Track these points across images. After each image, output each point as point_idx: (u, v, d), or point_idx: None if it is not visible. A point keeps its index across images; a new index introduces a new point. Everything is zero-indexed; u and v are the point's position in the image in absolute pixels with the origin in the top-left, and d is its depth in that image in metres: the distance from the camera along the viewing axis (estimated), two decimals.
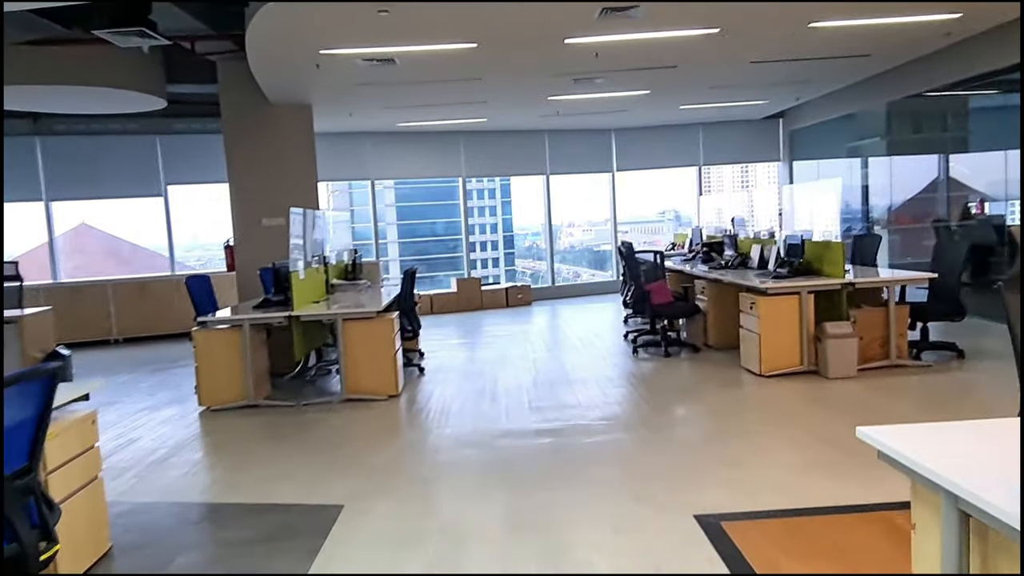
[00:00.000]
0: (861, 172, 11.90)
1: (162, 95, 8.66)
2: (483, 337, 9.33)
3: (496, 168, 12.90)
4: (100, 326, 10.24)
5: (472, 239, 13.27)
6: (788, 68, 8.43)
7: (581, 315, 10.85)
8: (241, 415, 5.82)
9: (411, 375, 6.96)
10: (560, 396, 5.91)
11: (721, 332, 7.41)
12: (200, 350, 5.96)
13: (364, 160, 11.95)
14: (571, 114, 10.89)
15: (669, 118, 12.22)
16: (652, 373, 6.64)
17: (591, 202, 14.57)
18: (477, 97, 9.14)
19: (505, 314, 11.28)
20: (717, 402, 5.52)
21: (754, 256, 7.63)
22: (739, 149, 13.33)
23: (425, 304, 11.61)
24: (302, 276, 6.29)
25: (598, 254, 17.61)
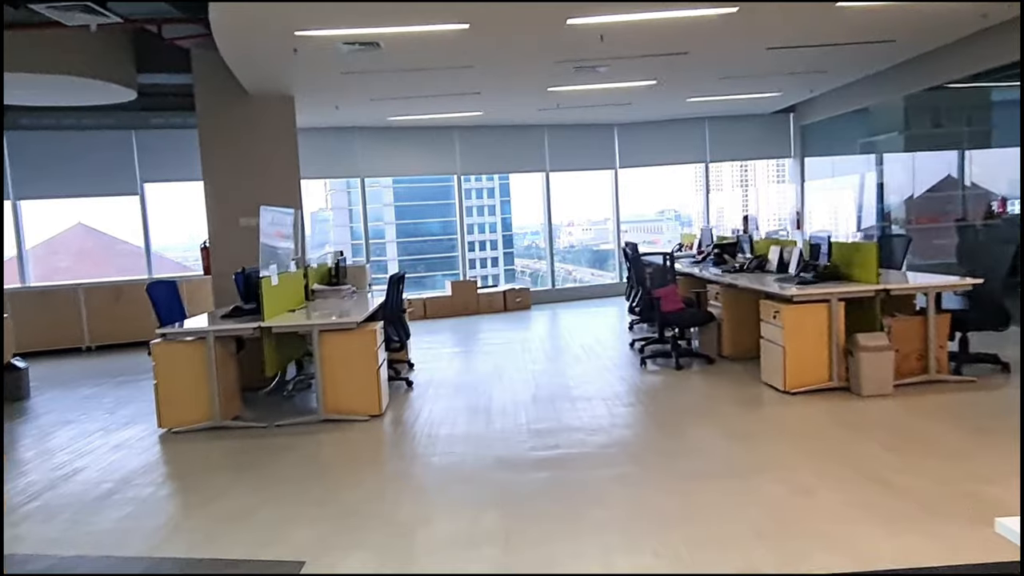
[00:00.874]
0: (876, 169, 11.32)
1: (132, 85, 8.02)
2: (478, 345, 8.71)
3: (493, 165, 12.27)
4: (70, 333, 9.62)
5: (471, 239, 12.65)
6: (806, 56, 7.81)
7: (583, 320, 10.23)
8: (205, 438, 5.19)
9: (398, 390, 6.34)
10: (562, 416, 5.29)
11: (737, 342, 6.80)
12: (160, 366, 5.34)
13: (353, 157, 11.33)
14: (572, 107, 10.27)
15: (675, 112, 11.60)
16: (663, 389, 6.02)
17: (591, 200, 13.97)
18: (471, 87, 8.52)
19: (502, 319, 10.66)
20: (739, 425, 4.90)
21: (773, 258, 7.02)
22: (747, 145, 12.71)
23: (418, 308, 10.99)
24: (275, 282, 5.67)
25: (598, 253, 17.03)
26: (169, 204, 10.66)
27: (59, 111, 9.61)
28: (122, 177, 10.22)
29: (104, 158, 10.15)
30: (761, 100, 11.03)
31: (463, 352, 8.32)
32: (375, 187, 22.04)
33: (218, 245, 8.19)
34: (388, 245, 21.97)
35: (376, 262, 19.35)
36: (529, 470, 4.20)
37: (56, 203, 10.53)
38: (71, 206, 10.85)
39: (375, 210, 22.17)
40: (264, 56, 6.65)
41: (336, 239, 17.71)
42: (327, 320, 5.50)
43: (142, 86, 8.98)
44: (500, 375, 6.81)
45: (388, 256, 21.62)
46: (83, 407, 6.42)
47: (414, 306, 10.87)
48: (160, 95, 9.64)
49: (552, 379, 6.55)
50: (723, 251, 8.22)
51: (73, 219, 11.94)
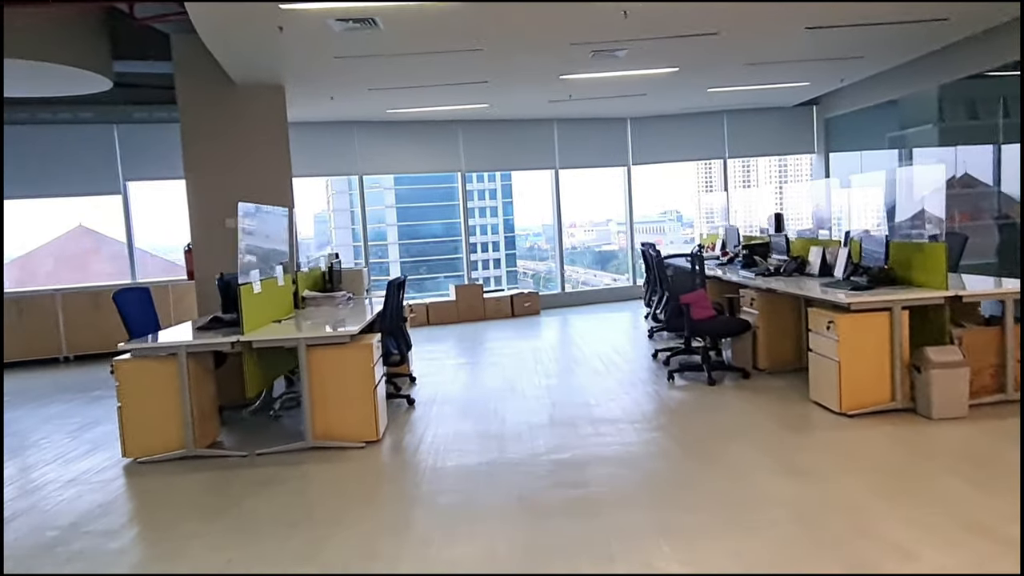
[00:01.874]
0: (906, 164, 10.64)
1: (107, 74, 7.35)
2: (486, 355, 8.02)
3: (499, 161, 11.57)
4: (47, 343, 8.95)
5: (472, 240, 11.96)
6: (846, 38, 7.10)
7: (597, 327, 9.54)
8: (174, 471, 4.50)
9: (398, 409, 5.65)
10: (586, 443, 4.59)
11: (774, 353, 6.12)
12: (125, 386, 4.65)
13: (351, 153, 10.64)
14: (585, 98, 9.58)
15: (693, 104, 10.90)
16: (697, 408, 5.32)
17: (595, 200, 13.27)
18: (478, 76, 7.83)
19: (511, 326, 9.97)
20: (794, 456, 4.20)
21: (813, 260, 6.32)
22: (769, 140, 12.01)
23: (421, 314, 10.31)
24: (257, 289, 4.98)
25: (600, 255, 16.37)
26: (155, 204, 9.99)
27: (32, 104, 8.94)
28: (103, 175, 9.55)
29: (83, 155, 9.48)
30: (785, 91, 10.34)
31: (469, 364, 7.63)
32: (376, 188, 21.42)
33: (202, 248, 7.51)
34: (390, 247, 21.32)
35: (378, 264, 18.74)
36: (555, 516, 3.50)
37: (31, 203, 9.83)
38: (46, 207, 10.14)
39: (377, 212, 21.52)
40: (247, 37, 5.97)
41: (339, 241, 17.06)
42: (316, 333, 4.81)
43: (123, 76, 8.31)
44: (511, 391, 6.12)
45: (390, 258, 20.98)
46: (45, 429, 5.74)
47: (416, 312, 10.19)
48: (143, 87, 8.97)
49: (570, 396, 5.85)
50: (752, 252, 7.53)
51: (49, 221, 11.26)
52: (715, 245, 9.44)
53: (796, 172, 14.15)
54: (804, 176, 14.44)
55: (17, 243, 10.96)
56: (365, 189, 10.98)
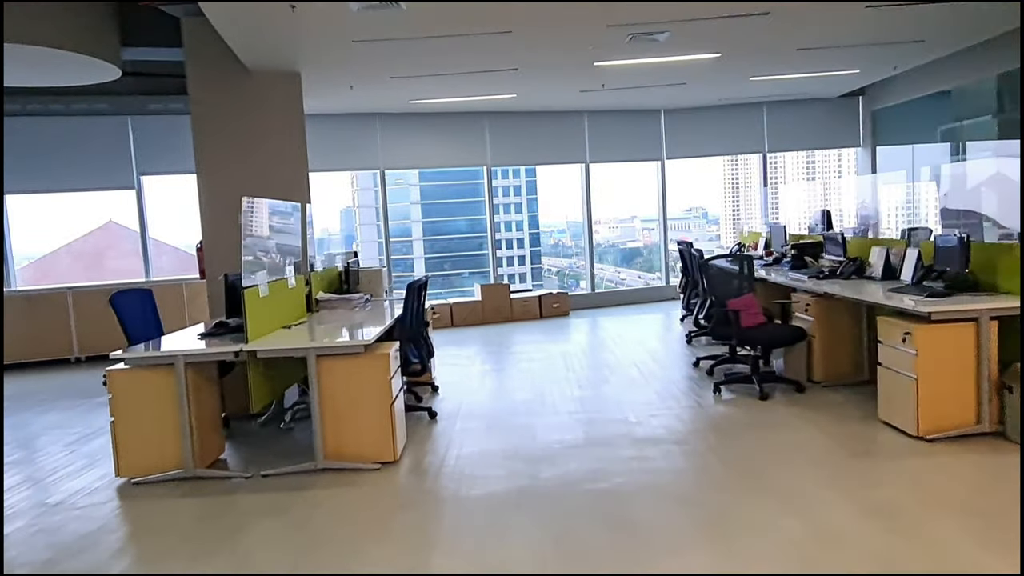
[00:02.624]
0: (960, 159, 9.97)
1: (116, 61, 6.96)
2: (513, 361, 7.52)
3: (526, 155, 11.05)
4: (58, 342, 8.63)
5: (497, 236, 11.47)
6: (910, 18, 6.50)
7: (630, 330, 9.00)
8: (170, 494, 4.07)
9: (418, 423, 5.18)
10: (627, 469, 4.08)
11: (831, 364, 5.55)
12: (118, 398, 4.22)
13: (372, 146, 10.20)
14: (618, 88, 9.03)
15: (732, 95, 10.29)
16: (750, 427, 4.77)
17: (621, 195, 12.68)
18: (506, 62, 7.33)
19: (539, 328, 9.47)
20: (873, 491, 3.64)
21: (875, 262, 5.73)
22: (811, 133, 11.36)
23: (444, 315, 9.84)
24: (264, 292, 4.53)
25: (624, 252, 15.83)
26: (173, 199, 9.63)
27: (44, 94, 8.62)
28: (117, 169, 9.22)
29: (96, 148, 9.14)
30: (831, 81, 9.70)
31: (496, 370, 7.13)
32: (400, 184, 21.03)
33: (213, 245, 7.09)
34: (415, 243, 20.89)
35: (402, 260, 18.32)
36: (599, 565, 3.00)
37: (40, 198, 9.51)
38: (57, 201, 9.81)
39: (402, 208, 21.14)
40: (258, 17, 5.52)
41: (364, 236, 16.68)
42: (327, 341, 4.35)
43: (136, 65, 7.96)
44: (542, 403, 5.62)
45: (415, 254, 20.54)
46: (40, 441, 5.35)
47: (439, 313, 9.74)
48: (157, 76, 8.62)
49: (606, 410, 5.33)
50: (803, 252, 6.94)
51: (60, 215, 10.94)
52: (757, 244, 8.85)
53: (824, 167, 13.43)
54: (833, 172, 13.75)
55: (46, 239, 10.69)
56: (388, 185, 10.53)
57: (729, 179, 16.42)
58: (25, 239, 10.00)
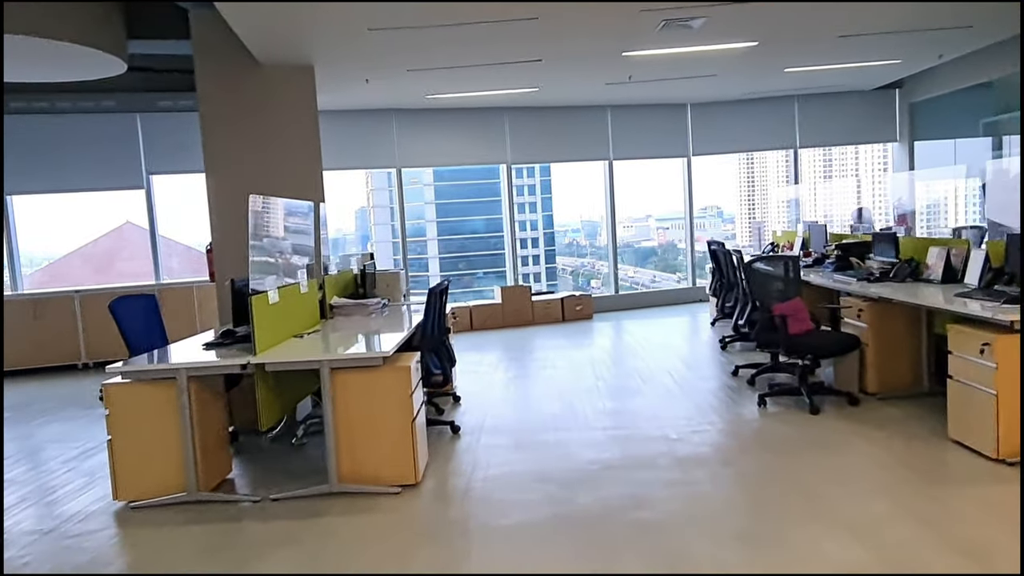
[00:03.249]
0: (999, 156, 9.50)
1: (121, 55, 6.64)
2: (537, 368, 7.13)
3: (547, 152, 10.63)
4: (65, 348, 8.34)
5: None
6: None
7: (658, 334, 8.58)
8: (170, 520, 3.72)
9: (440, 438, 4.80)
10: (673, 496, 3.68)
11: (887, 374, 5.11)
12: (116, 415, 3.88)
13: (388, 144, 9.84)
14: (645, 81, 8.61)
15: (763, 87, 9.83)
16: (805, 447, 4.35)
17: (636, 193, 12.22)
18: (530, 52, 6.93)
19: (562, 332, 9.07)
20: (959, 526, 3.21)
21: (934, 263, 5.29)
22: (844, 127, 10.87)
23: (464, 318, 9.47)
24: (273, 299, 4.17)
25: (638, 252, 15.47)
26: (183, 199, 9.34)
27: (51, 92, 8.33)
28: (126, 168, 8.93)
29: (104, 147, 8.85)
30: (869, 72, 9.23)
31: (519, 378, 6.75)
32: (415, 184, 20.72)
33: (223, 247, 6.76)
34: (429, 243, 20.56)
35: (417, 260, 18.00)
36: None
37: (51, 199, 9.24)
38: (72, 202, 9.54)
39: (417, 207, 20.81)
40: (272, 7, 5.16)
41: (378, 237, 16.38)
42: (342, 353, 3.98)
43: (144, 59, 7.65)
44: (572, 416, 5.23)
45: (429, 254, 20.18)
46: (39, 456, 5.03)
47: (459, 316, 9.37)
48: (166, 71, 8.30)
49: (643, 424, 4.93)
50: (848, 252, 6.50)
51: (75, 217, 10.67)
52: (792, 244, 8.40)
53: (841, 165, 12.94)
54: (850, 168, 13.27)
55: (64, 242, 10.45)
56: (404, 184, 10.18)
57: (745, 177, 15.97)
58: (43, 241, 9.80)
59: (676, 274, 13.34)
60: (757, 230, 13.80)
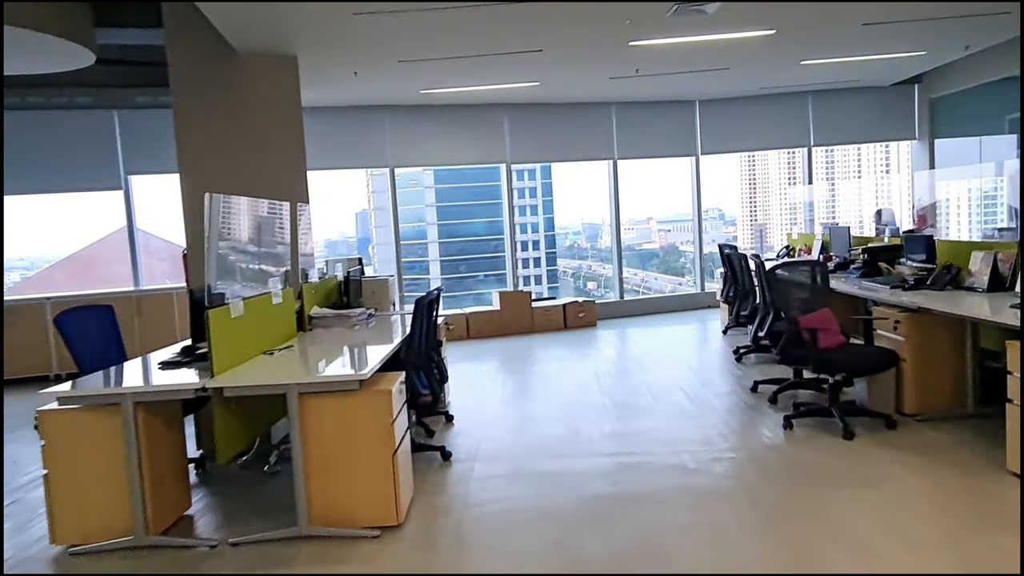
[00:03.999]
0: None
1: (89, 45, 6.14)
2: (538, 382, 6.63)
3: (549, 152, 10.11)
4: (36, 358, 7.84)
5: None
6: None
7: (666, 343, 8.07)
8: (116, 567, 3.21)
9: (428, 467, 4.29)
10: (698, 543, 3.16)
11: (927, 394, 4.60)
12: (52, 446, 3.39)
13: (380, 142, 9.33)
14: (652, 75, 8.11)
15: (776, 82, 9.32)
16: (844, 480, 3.83)
17: (637, 195, 11.69)
18: (530, 41, 6.43)
19: (564, 341, 8.56)
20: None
21: (978, 269, 4.78)
22: (860, 124, 10.36)
23: (460, 326, 8.97)
24: (238, 312, 3.66)
25: (640, 254, 15.01)
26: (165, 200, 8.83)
27: (20, 86, 7.84)
28: (102, 168, 8.43)
29: (79, 145, 8.36)
30: (889, 66, 8.72)
31: (518, 394, 6.24)
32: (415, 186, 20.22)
33: (199, 251, 6.25)
34: (430, 246, 20.02)
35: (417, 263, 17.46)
36: None
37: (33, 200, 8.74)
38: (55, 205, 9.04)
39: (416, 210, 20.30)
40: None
41: (379, 239, 15.91)
42: (312, 374, 3.47)
43: (117, 51, 7.17)
44: (575, 439, 4.71)
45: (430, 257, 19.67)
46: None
47: (454, 324, 8.86)
48: (142, 64, 7.80)
49: (656, 450, 4.42)
50: (875, 257, 5.99)
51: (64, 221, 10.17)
52: (810, 248, 7.88)
53: (844, 164, 12.42)
54: (852, 169, 12.77)
55: (59, 243, 9.99)
56: (403, 186, 9.68)
57: (746, 178, 15.45)
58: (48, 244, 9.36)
59: (684, 277, 12.84)
60: (759, 232, 13.33)
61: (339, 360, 3.89)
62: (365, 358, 3.83)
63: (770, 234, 15.24)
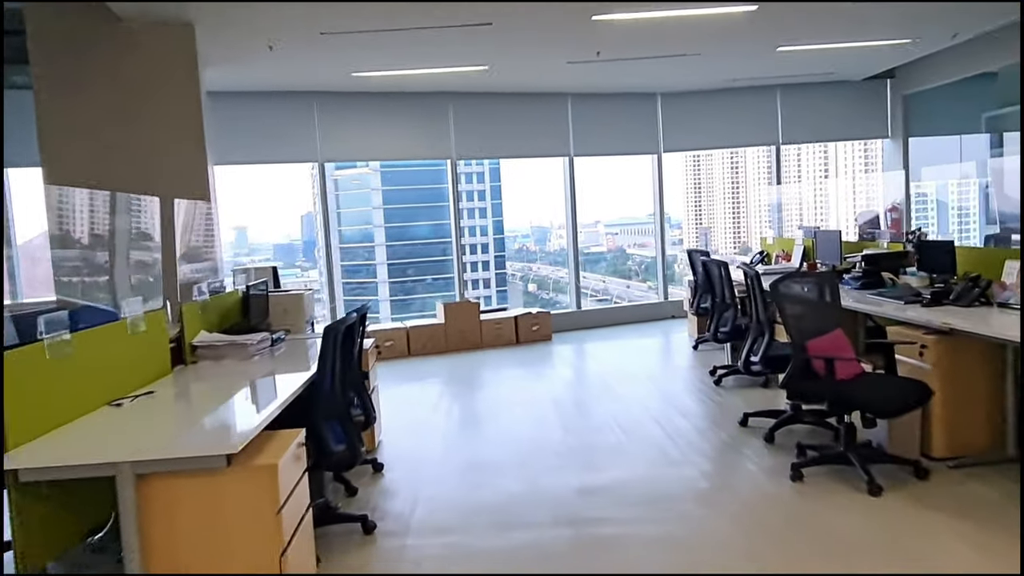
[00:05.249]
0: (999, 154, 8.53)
1: None
2: (488, 412, 5.65)
3: (499, 147, 9.12)
4: None
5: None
6: None
7: (631, 361, 7.19)
8: None
9: (347, 545, 3.26)
10: None
11: (959, 433, 3.80)
12: None
13: (309, 133, 8.21)
14: (613, 59, 7.22)
15: (746, 71, 8.54)
16: (882, 559, 2.95)
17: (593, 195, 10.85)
18: (477, 12, 5.46)
19: (517, 358, 7.60)
20: None
21: (1013, 283, 3.99)
22: (829, 121, 9.67)
23: (399, 342, 7.93)
24: (60, 352, 2.58)
25: (588, 257, 14.26)
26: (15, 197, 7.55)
27: None
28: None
29: None
30: (865, 57, 8.06)
31: (466, 428, 5.25)
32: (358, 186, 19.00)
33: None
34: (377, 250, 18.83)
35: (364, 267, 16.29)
36: None
37: None
38: None
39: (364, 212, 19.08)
40: None
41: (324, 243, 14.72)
42: (159, 446, 2.42)
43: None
44: (535, 497, 3.75)
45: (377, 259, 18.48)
46: None
47: (393, 340, 7.83)
48: (15, 33, 6.55)
49: (639, 517, 3.48)
50: (876, 266, 5.20)
51: None
52: (790, 254, 7.11)
53: (787, 167, 11.79)
54: (820, 169, 12.24)
55: None
56: (347, 187, 8.61)
57: (691, 179, 14.81)
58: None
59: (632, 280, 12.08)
60: (704, 236, 12.63)
61: (214, 415, 2.84)
62: (252, 411, 2.80)
63: (714, 238, 14.60)
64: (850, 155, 11.01)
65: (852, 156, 11.02)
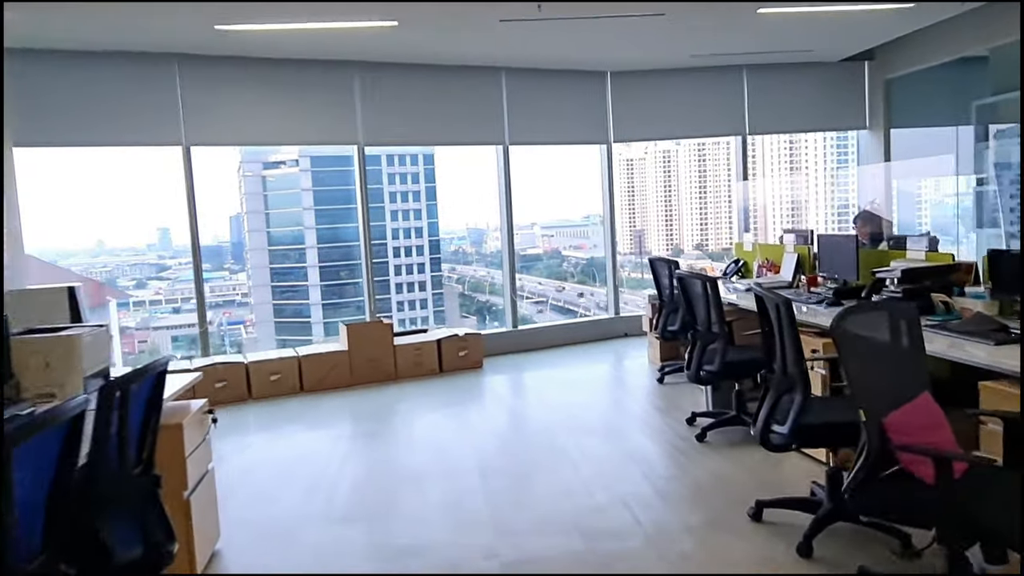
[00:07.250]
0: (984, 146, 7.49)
1: None
2: (399, 490, 4.03)
3: (417, 130, 7.42)
4: None
5: (380, 243, 8.05)
6: None
7: (581, 397, 5.69)
8: None
9: None
10: None
11: None
12: None
13: (169, 108, 6.38)
14: (560, 17, 5.68)
15: (713, 45, 7.15)
16: None
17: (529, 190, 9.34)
18: None
19: (440, 395, 6.00)
20: None
21: None
22: (799, 109, 8.40)
23: (289, 375, 6.21)
24: None
25: (524, 259, 12.84)
26: None
27: None
28: None
29: None
30: (848, 31, 6.81)
31: (356, 521, 3.60)
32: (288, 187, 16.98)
33: None
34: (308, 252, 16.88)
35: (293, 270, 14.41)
36: None
37: None
38: None
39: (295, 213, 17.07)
40: None
41: (253, 245, 12.74)
42: None
43: None
44: None
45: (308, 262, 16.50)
46: None
47: (281, 373, 6.14)
48: None
49: None
50: (926, 284, 3.82)
51: None
52: (778, 266, 5.71)
53: (714, 162, 10.51)
54: (723, 167, 10.98)
55: None
56: (275, 187, 6.84)
57: (624, 178, 13.57)
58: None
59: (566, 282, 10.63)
60: (638, 238, 11.35)
61: None
62: None
63: (648, 240, 13.37)
64: (820, 148, 9.79)
65: (823, 149, 9.81)
